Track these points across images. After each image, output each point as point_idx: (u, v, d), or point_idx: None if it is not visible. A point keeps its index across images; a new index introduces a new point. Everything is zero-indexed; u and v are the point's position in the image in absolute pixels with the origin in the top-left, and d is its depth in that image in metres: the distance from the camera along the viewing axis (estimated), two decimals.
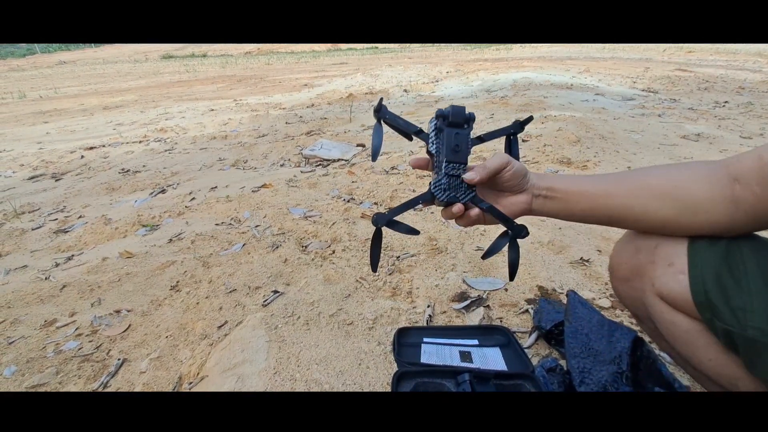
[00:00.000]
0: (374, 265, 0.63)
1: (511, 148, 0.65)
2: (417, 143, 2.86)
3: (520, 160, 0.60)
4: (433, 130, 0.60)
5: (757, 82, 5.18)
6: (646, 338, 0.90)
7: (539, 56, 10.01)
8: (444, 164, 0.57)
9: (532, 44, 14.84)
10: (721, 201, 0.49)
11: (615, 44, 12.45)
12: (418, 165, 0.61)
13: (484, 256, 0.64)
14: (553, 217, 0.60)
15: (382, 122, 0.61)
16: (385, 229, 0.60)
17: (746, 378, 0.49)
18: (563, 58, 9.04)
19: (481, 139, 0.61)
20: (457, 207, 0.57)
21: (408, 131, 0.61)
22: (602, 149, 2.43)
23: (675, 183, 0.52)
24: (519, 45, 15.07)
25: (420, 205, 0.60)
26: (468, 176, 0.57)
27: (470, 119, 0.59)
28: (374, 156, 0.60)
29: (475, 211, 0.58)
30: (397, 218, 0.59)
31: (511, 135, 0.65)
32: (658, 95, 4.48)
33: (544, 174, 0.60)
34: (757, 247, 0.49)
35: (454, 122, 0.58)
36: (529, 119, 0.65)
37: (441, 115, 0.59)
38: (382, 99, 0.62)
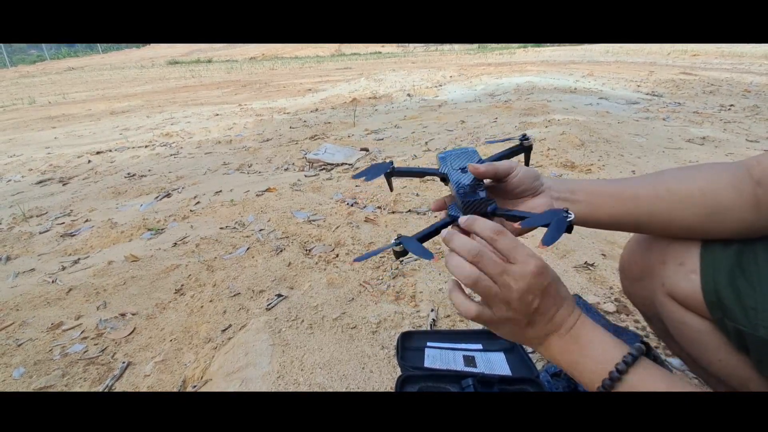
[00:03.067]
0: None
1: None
2: (419, 146, 2.87)
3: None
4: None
5: (764, 85, 5.14)
6: (653, 343, 0.89)
7: (542, 60, 10.01)
8: (456, 189, 0.55)
9: (535, 48, 14.85)
10: (745, 206, 0.48)
11: (619, 48, 12.42)
12: (438, 207, 0.59)
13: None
14: (579, 224, 0.56)
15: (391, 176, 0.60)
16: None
17: (756, 379, 0.49)
18: (566, 62, 9.04)
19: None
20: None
21: (425, 174, 0.61)
22: (606, 153, 2.42)
23: (701, 187, 0.50)
24: (522, 49, 15.07)
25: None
26: (472, 166, 0.55)
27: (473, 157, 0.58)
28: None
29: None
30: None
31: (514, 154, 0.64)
32: (663, 99, 4.46)
33: (565, 179, 0.59)
34: None
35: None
36: (525, 140, 0.62)
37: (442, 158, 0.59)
38: (392, 164, 0.59)
